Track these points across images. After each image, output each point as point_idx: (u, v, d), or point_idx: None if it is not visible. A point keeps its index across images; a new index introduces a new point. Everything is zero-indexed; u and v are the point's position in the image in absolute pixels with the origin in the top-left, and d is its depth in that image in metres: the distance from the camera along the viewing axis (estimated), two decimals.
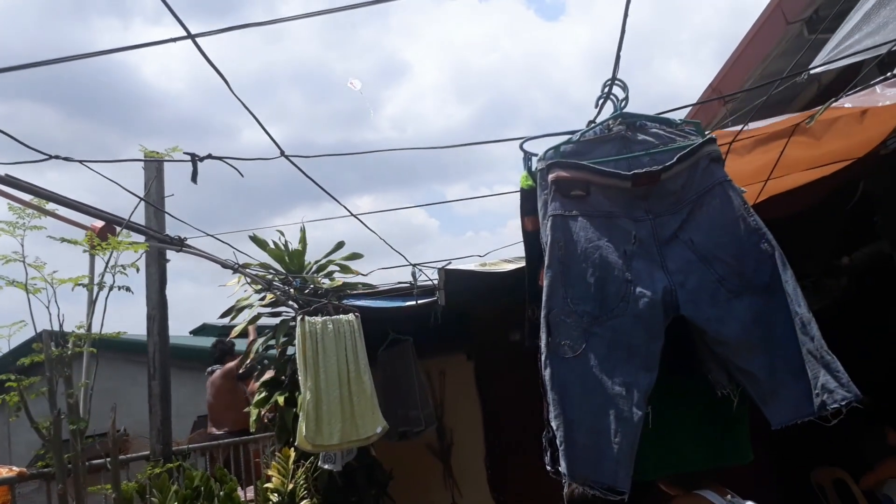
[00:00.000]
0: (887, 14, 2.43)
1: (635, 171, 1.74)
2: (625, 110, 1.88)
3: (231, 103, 1.89)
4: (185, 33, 1.64)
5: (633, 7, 1.56)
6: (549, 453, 1.71)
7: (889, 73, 2.76)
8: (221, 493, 3.48)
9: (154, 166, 3.20)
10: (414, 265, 3.91)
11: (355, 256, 4.65)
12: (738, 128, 2.93)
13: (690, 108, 4.69)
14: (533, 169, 1.92)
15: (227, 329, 5.13)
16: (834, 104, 2.88)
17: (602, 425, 1.58)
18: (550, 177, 1.77)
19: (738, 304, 1.66)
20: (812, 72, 2.91)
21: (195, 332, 12.31)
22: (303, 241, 4.58)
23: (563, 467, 1.59)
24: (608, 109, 1.94)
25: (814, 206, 4.96)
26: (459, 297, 4.09)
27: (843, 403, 1.52)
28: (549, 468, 1.73)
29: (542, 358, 1.66)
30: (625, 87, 1.86)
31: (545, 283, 1.71)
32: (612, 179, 1.75)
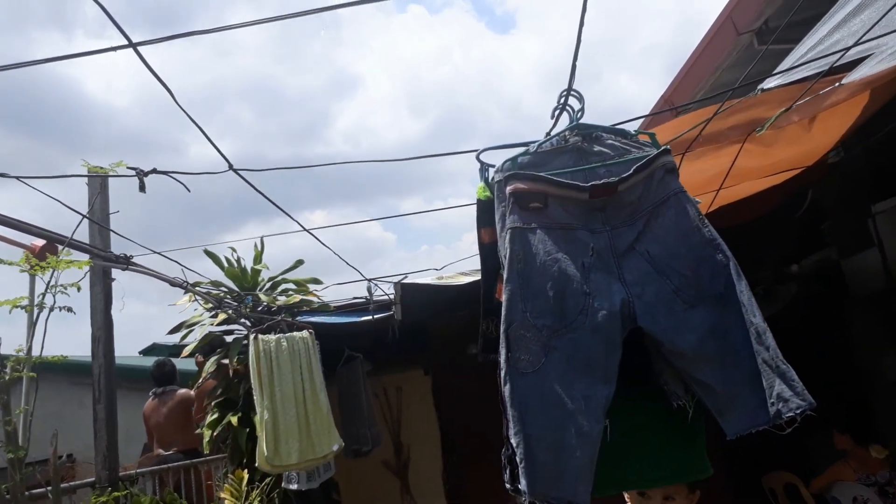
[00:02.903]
0: (856, 24, 2.48)
1: (593, 183, 1.73)
2: (581, 121, 1.87)
3: (179, 118, 1.82)
4: (127, 42, 1.57)
5: (587, 23, 1.56)
6: (508, 471, 1.67)
7: (831, 78, 2.81)
8: None
9: (98, 182, 3.08)
10: (369, 280, 3.86)
11: (315, 281, 4.57)
12: (693, 133, 2.97)
13: (643, 119, 4.76)
14: (490, 180, 1.89)
15: (179, 348, 4.97)
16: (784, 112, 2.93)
17: (562, 441, 1.56)
18: (508, 189, 1.75)
19: (695, 314, 1.66)
20: (765, 88, 2.96)
21: (145, 352, 11.95)
22: (258, 258, 4.49)
23: (523, 485, 1.56)
24: (564, 121, 1.93)
25: (765, 215, 5.09)
26: (416, 312, 4.04)
27: (799, 412, 1.52)
28: (507, 486, 1.69)
29: (502, 374, 1.62)
30: (580, 98, 1.85)
31: (504, 297, 1.68)
32: (569, 191, 1.73)
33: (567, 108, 1.88)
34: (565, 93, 1.83)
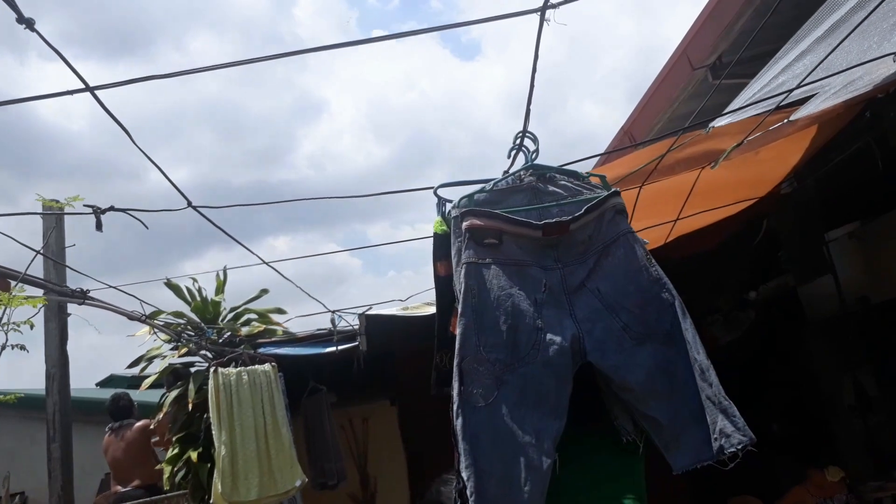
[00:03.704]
0: (799, 67, 2.59)
1: (546, 221, 1.77)
2: (535, 162, 1.92)
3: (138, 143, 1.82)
4: (82, 85, 1.57)
5: (548, 48, 1.61)
6: None
7: (780, 114, 2.92)
8: None
9: (53, 217, 3.04)
10: (333, 311, 3.85)
11: (279, 311, 4.54)
12: (649, 167, 3.05)
13: (599, 157, 4.86)
14: (447, 215, 1.92)
15: (137, 380, 4.88)
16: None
17: (512, 474, 1.58)
18: (465, 224, 1.78)
19: (642, 351, 1.70)
20: (716, 125, 3.07)
21: (102, 384, 11.63)
22: (219, 289, 4.44)
23: None
24: (521, 159, 1.98)
25: (722, 244, 5.22)
26: (382, 342, 4.04)
27: (740, 447, 1.57)
28: None
29: (454, 407, 1.64)
30: (535, 140, 1.91)
31: (458, 330, 1.71)
32: (523, 228, 1.77)
33: (523, 148, 1.94)
34: (521, 134, 1.88)
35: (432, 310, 3.93)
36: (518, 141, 1.89)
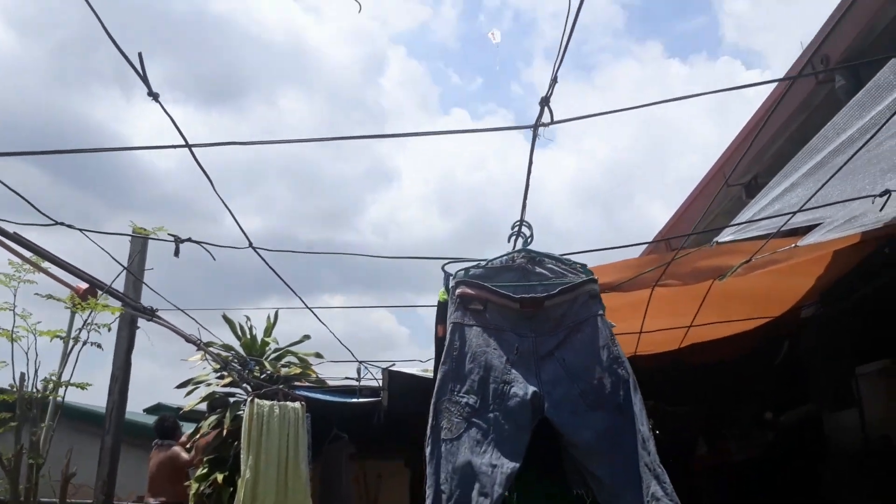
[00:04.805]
0: (794, 197, 2.94)
1: (523, 296, 2.15)
2: (529, 247, 2.32)
3: (217, 188, 2.30)
4: (182, 142, 2.08)
5: (624, 145, 2.02)
6: None
7: (787, 239, 3.22)
8: None
9: (140, 241, 3.60)
10: (360, 362, 4.23)
11: (317, 355, 4.96)
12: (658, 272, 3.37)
13: (645, 245, 5.16)
14: (449, 286, 2.33)
15: (181, 411, 5.33)
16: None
17: (467, 497, 1.90)
18: (458, 291, 2.19)
19: (594, 416, 2.02)
20: (719, 240, 3.40)
21: (149, 411, 12.21)
22: (269, 330, 4.92)
23: None
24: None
25: (744, 357, 5.35)
26: (402, 402, 4.37)
27: None
28: None
29: (427, 437, 1.99)
30: (530, 227, 2.31)
31: (438, 376, 2.09)
32: (505, 300, 2.16)
33: (521, 234, 2.34)
34: (518, 223, 2.29)
35: None
36: (515, 228, 2.29)
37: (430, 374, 4.21)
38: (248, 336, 4.76)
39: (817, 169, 2.74)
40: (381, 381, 4.27)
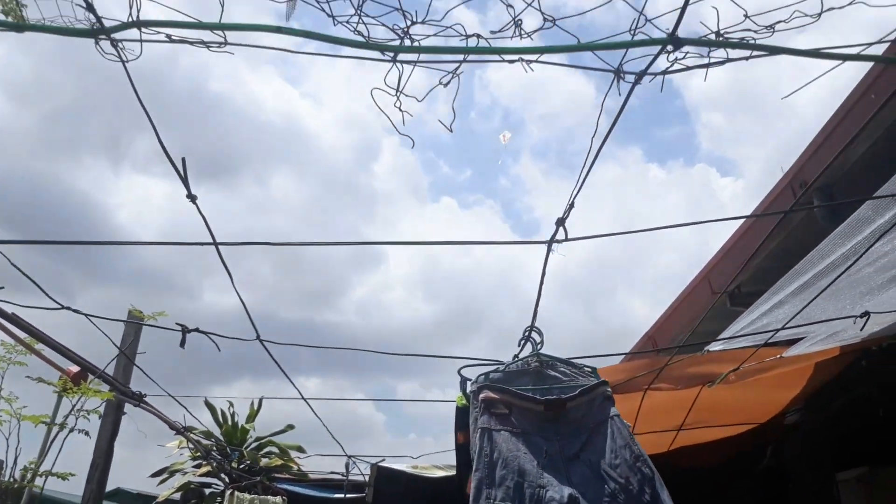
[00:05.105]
0: (781, 313, 3.08)
1: (547, 398, 2.18)
2: (541, 351, 2.36)
3: (197, 263, 2.32)
4: (210, 240, 2.11)
5: (606, 243, 2.10)
6: None
7: (773, 349, 3.32)
8: None
9: (135, 325, 3.55)
10: (350, 456, 4.13)
11: (299, 449, 4.85)
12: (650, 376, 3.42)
13: (624, 356, 5.25)
14: (467, 391, 2.36)
15: (142, 498, 5.11)
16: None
17: None
18: (481, 396, 2.22)
19: None
20: (710, 349, 3.50)
21: (108, 497, 11.65)
22: (251, 417, 4.80)
23: None
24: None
25: (730, 462, 5.36)
26: (390, 499, 4.25)
27: None
28: None
29: None
30: (540, 333, 2.36)
31: (473, 482, 2.08)
32: (529, 403, 2.19)
33: (531, 339, 2.39)
34: (528, 329, 2.35)
35: (441, 473, 4.19)
36: (526, 333, 2.35)
37: (423, 472, 4.13)
38: (230, 423, 4.64)
39: (803, 289, 2.92)
40: (367, 477, 4.16)
